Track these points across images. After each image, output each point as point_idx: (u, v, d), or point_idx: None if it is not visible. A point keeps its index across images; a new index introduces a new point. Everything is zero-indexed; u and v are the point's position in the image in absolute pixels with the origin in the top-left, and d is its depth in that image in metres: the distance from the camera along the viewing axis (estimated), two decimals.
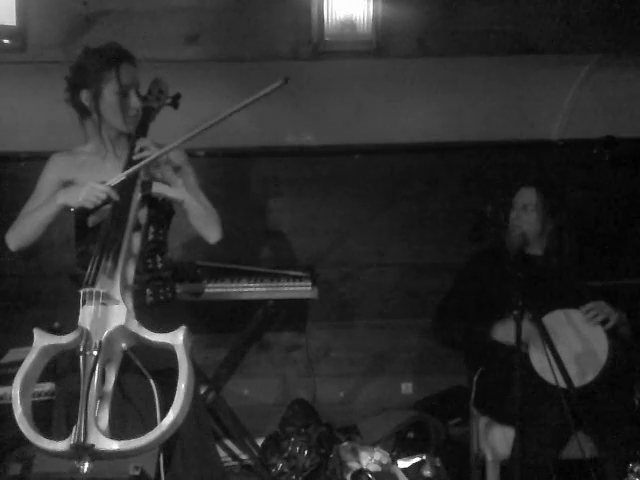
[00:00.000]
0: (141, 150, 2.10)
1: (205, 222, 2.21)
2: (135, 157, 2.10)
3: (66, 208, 2.07)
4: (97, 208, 2.05)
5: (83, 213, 2.10)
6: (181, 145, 2.08)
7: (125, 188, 2.04)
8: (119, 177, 2.04)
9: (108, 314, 1.81)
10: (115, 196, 2.01)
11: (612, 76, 3.26)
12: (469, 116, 3.44)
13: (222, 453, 3.42)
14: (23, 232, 2.14)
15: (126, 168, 2.08)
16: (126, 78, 2.14)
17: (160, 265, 2.22)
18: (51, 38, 2.74)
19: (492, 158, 3.68)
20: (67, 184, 2.19)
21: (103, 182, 2.03)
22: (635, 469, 2.06)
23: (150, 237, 2.18)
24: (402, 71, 3.12)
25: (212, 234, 2.23)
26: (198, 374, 1.95)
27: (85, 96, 2.16)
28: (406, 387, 3.74)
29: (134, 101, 2.16)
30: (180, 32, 2.78)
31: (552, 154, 3.68)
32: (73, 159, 2.23)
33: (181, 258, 3.38)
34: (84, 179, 2.14)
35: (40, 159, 2.29)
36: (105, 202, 2.03)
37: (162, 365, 1.85)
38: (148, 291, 2.16)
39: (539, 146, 3.68)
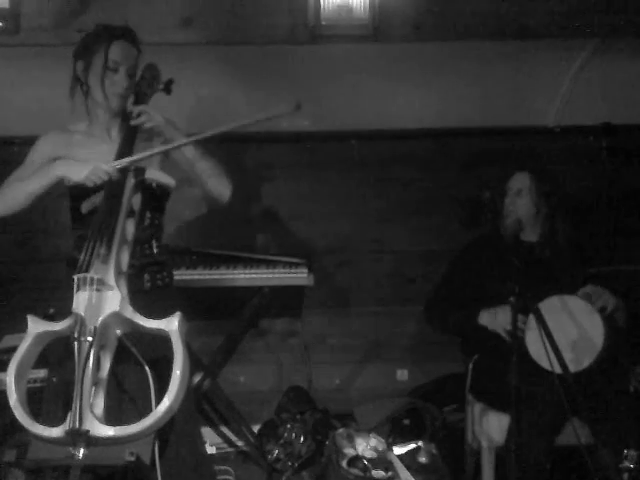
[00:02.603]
0: (139, 115, 2.10)
1: (216, 181, 2.23)
2: (133, 122, 2.11)
3: (65, 181, 2.06)
4: (92, 190, 2.03)
5: (78, 191, 2.08)
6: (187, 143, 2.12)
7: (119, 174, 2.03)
8: (125, 160, 2.03)
9: (102, 300, 1.81)
10: (117, 176, 2.00)
11: (610, 62, 3.24)
12: (466, 101, 3.42)
13: (218, 440, 3.43)
14: (11, 200, 2.10)
15: (124, 139, 2.10)
16: (117, 54, 2.11)
17: (156, 250, 2.21)
18: (45, 21, 2.70)
19: (488, 144, 3.67)
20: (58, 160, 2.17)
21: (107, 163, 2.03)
22: (630, 455, 2.06)
23: (146, 222, 2.17)
24: (399, 55, 3.10)
25: (223, 192, 2.25)
26: (194, 361, 1.95)
27: (80, 67, 2.16)
28: (402, 374, 3.74)
29: (122, 78, 2.13)
30: (175, 15, 2.74)
31: (549, 141, 3.66)
32: (67, 137, 2.21)
33: (176, 244, 3.36)
34: (79, 156, 2.13)
35: (33, 144, 2.27)
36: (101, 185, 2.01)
37: (157, 354, 1.84)
38: (146, 277, 2.16)
39: (536, 132, 3.66)
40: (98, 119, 2.21)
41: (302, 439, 3.15)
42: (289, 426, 3.20)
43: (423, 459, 2.94)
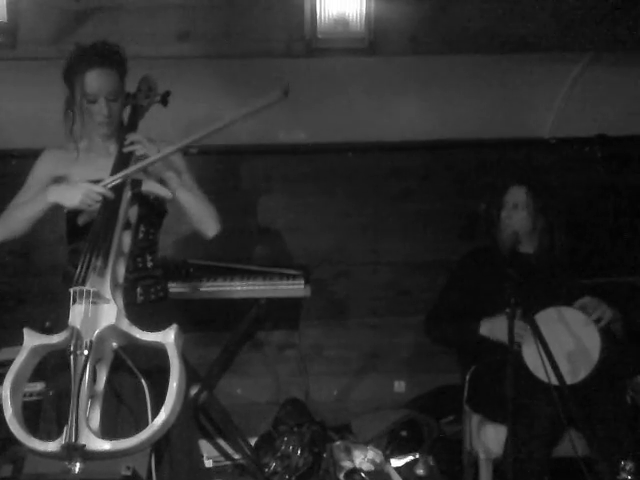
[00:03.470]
0: (132, 144, 2.10)
1: (201, 216, 2.19)
2: (125, 149, 2.09)
3: (59, 207, 2.06)
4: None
5: (75, 212, 2.09)
6: (178, 150, 2.09)
7: (115, 186, 2.03)
8: (115, 177, 2.03)
9: (98, 313, 1.81)
10: (111, 195, 2.00)
11: (604, 74, 3.26)
12: (461, 114, 3.44)
13: (215, 453, 3.42)
14: (10, 225, 2.13)
15: (117, 162, 2.08)
16: (93, 85, 2.10)
17: (150, 264, 2.21)
18: (42, 35, 2.71)
19: (484, 156, 3.67)
20: (58, 179, 2.18)
21: (97, 181, 2.02)
22: (627, 467, 2.05)
23: (140, 236, 2.17)
24: (395, 69, 3.12)
25: (209, 228, 2.21)
26: (190, 373, 1.95)
27: (66, 95, 2.17)
28: (399, 385, 3.73)
29: (101, 107, 2.11)
30: (172, 29, 2.76)
31: (544, 152, 3.68)
32: (66, 155, 2.22)
33: (173, 257, 3.36)
34: (76, 175, 2.14)
35: (32, 157, 2.28)
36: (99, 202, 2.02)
37: (153, 365, 1.84)
38: (139, 290, 2.16)
39: (531, 144, 3.67)
40: (93, 138, 2.22)
41: (299, 452, 3.14)
42: (286, 439, 3.19)
43: (421, 471, 2.94)
